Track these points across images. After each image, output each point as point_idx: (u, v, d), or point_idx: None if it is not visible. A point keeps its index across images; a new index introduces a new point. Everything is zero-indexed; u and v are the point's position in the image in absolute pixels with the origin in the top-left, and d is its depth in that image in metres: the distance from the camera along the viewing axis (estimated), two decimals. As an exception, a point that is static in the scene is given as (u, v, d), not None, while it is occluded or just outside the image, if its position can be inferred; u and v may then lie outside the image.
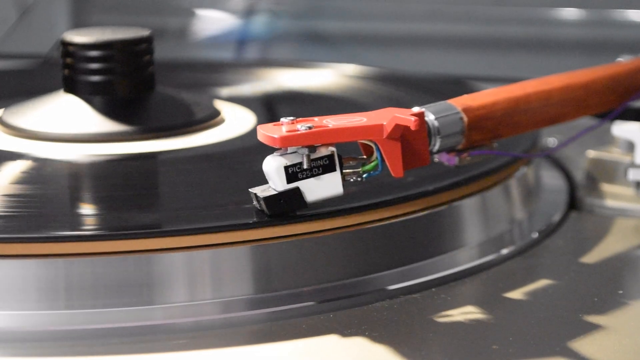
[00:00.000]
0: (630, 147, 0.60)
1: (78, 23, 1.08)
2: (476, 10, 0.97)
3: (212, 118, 0.62)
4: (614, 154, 0.61)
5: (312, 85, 0.77)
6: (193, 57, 0.98)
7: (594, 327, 0.45)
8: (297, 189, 0.46)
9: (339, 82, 0.77)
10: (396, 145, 0.46)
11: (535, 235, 0.55)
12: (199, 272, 0.46)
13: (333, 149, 0.46)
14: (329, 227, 0.47)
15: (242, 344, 0.44)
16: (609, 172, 0.61)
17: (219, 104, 0.66)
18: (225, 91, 0.74)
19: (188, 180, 0.53)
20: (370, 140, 0.47)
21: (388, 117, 0.46)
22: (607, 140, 0.62)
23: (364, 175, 0.47)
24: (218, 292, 0.46)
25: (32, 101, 0.63)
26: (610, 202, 0.60)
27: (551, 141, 0.69)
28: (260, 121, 0.62)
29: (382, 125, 0.46)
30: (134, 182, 0.53)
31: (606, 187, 0.61)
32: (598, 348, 0.43)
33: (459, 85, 0.73)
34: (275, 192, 0.46)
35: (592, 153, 0.61)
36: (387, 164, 0.46)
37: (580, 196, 0.61)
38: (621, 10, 0.93)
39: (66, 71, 0.61)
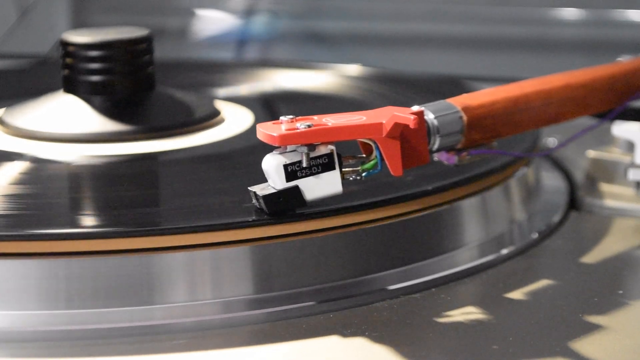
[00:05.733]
0: (630, 147, 0.60)
1: (78, 23, 1.08)
2: (476, 10, 0.97)
3: (211, 118, 0.62)
4: (614, 154, 0.61)
5: (312, 86, 0.77)
6: (193, 57, 0.98)
7: (594, 327, 0.45)
8: (297, 188, 0.46)
9: (338, 82, 0.77)
10: (395, 144, 0.46)
11: (535, 235, 0.55)
12: (199, 272, 0.46)
13: (332, 147, 0.46)
14: (329, 227, 0.47)
15: (242, 344, 0.44)
16: (609, 172, 0.61)
17: (219, 104, 0.66)
18: (225, 91, 0.74)
19: (187, 179, 0.53)
20: (370, 139, 0.46)
21: (387, 116, 0.46)
22: (607, 140, 0.62)
23: (364, 174, 0.47)
24: (218, 292, 0.46)
25: (32, 101, 0.63)
26: (610, 202, 0.60)
27: (551, 141, 0.69)
28: (260, 121, 0.62)
29: (381, 123, 0.46)
30: (133, 181, 0.53)
31: (606, 187, 0.61)
32: (598, 348, 0.43)
33: (458, 86, 0.73)
34: (274, 191, 0.46)
35: (592, 153, 0.61)
36: (387, 162, 0.46)
37: (580, 196, 0.61)
38: (621, 10, 0.93)
39: (66, 71, 0.61)
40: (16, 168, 0.54)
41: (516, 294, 0.49)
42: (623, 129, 0.60)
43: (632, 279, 0.52)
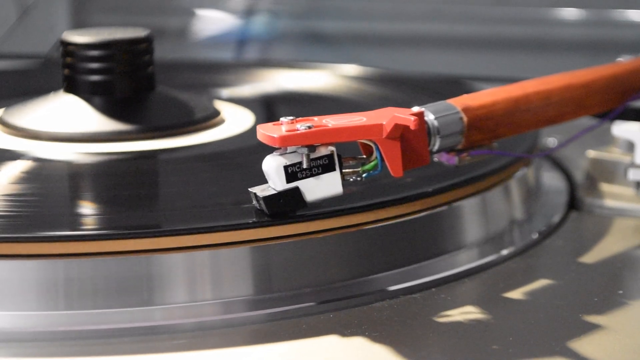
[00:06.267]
0: (630, 147, 0.60)
1: (78, 23, 1.08)
2: (476, 10, 0.97)
3: (211, 118, 0.62)
4: (614, 154, 0.61)
5: (311, 86, 0.77)
6: (193, 57, 0.98)
7: (594, 327, 0.45)
8: (297, 189, 0.46)
9: (338, 82, 0.77)
10: (396, 145, 0.46)
11: (535, 235, 0.55)
12: (199, 273, 0.46)
13: (333, 148, 0.46)
14: (329, 227, 0.47)
15: (242, 345, 0.44)
16: (609, 172, 0.61)
17: (219, 104, 0.66)
18: (225, 91, 0.74)
19: (188, 180, 0.53)
20: (370, 140, 0.47)
21: (387, 117, 0.46)
22: (607, 140, 0.62)
23: (364, 175, 0.47)
24: (218, 293, 0.46)
25: (32, 101, 0.63)
26: (610, 202, 0.60)
27: (551, 141, 0.69)
28: (260, 121, 0.62)
29: (381, 124, 0.46)
30: (133, 181, 0.53)
31: (606, 187, 0.61)
32: (598, 348, 0.43)
33: (458, 85, 0.73)
34: (274, 192, 0.46)
35: (592, 153, 0.61)
36: (387, 163, 0.46)
37: (580, 196, 0.61)
38: (621, 10, 0.93)
39: (66, 71, 0.61)
40: (16, 168, 0.54)
41: (516, 294, 0.49)
42: (623, 129, 0.60)
43: (632, 279, 0.52)
